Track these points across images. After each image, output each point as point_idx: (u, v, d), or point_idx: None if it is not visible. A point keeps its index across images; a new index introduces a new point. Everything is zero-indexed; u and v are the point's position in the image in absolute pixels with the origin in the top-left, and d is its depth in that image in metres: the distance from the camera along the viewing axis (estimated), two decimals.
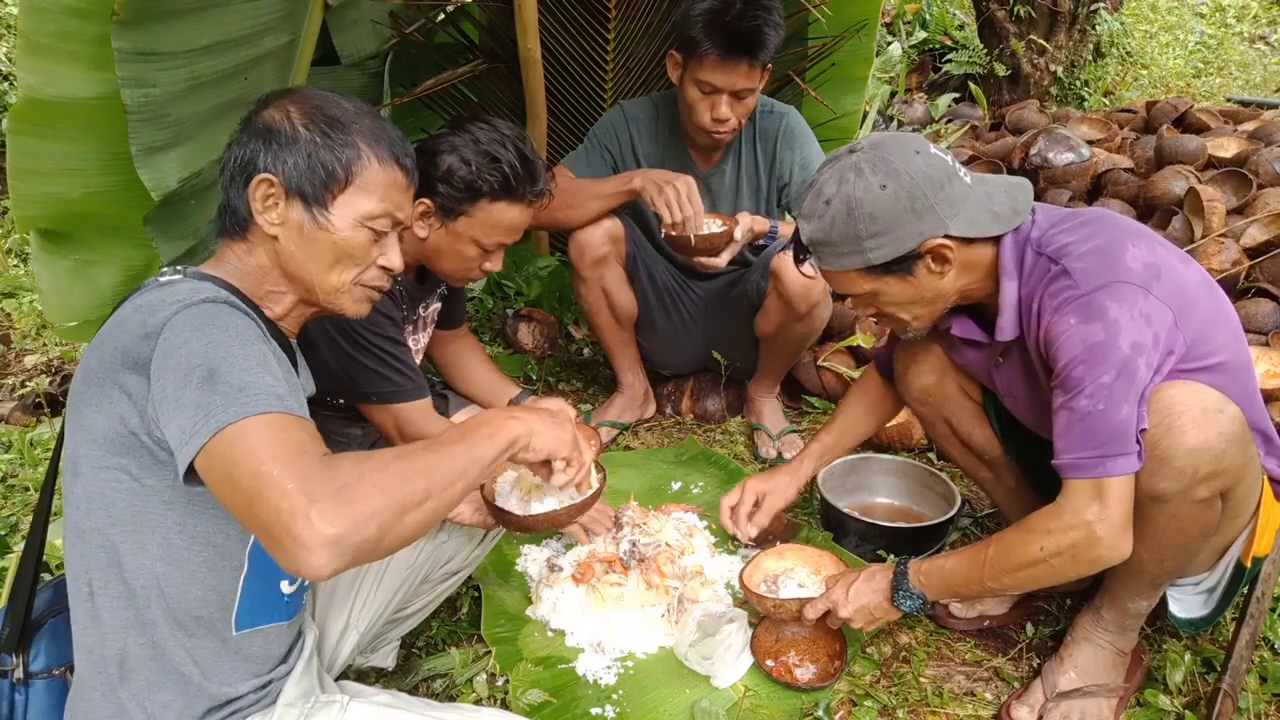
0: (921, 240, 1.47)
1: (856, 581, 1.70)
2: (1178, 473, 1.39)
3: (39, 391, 3.25)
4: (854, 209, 1.46)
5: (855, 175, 1.47)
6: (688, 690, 1.77)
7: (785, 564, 1.95)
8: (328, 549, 0.95)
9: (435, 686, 1.81)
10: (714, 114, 2.37)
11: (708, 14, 2.25)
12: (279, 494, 0.96)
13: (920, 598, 1.62)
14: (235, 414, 1.00)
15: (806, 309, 2.48)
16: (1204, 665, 1.76)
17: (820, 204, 1.50)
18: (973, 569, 1.54)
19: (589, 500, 1.52)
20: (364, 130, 1.26)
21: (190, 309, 1.09)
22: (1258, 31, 8.06)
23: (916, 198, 1.45)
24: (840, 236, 1.49)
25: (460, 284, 2.08)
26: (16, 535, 2.37)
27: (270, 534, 0.96)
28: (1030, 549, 1.46)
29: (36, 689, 1.26)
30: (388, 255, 1.31)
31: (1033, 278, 1.51)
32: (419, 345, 2.19)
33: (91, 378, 1.12)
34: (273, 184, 1.22)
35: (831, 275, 1.59)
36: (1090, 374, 1.38)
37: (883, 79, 5.59)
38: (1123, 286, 1.39)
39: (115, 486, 1.12)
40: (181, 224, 2.34)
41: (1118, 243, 1.44)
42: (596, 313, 2.68)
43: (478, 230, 1.87)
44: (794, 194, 2.63)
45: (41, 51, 1.92)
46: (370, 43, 2.98)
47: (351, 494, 0.98)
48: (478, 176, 1.81)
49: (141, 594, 1.15)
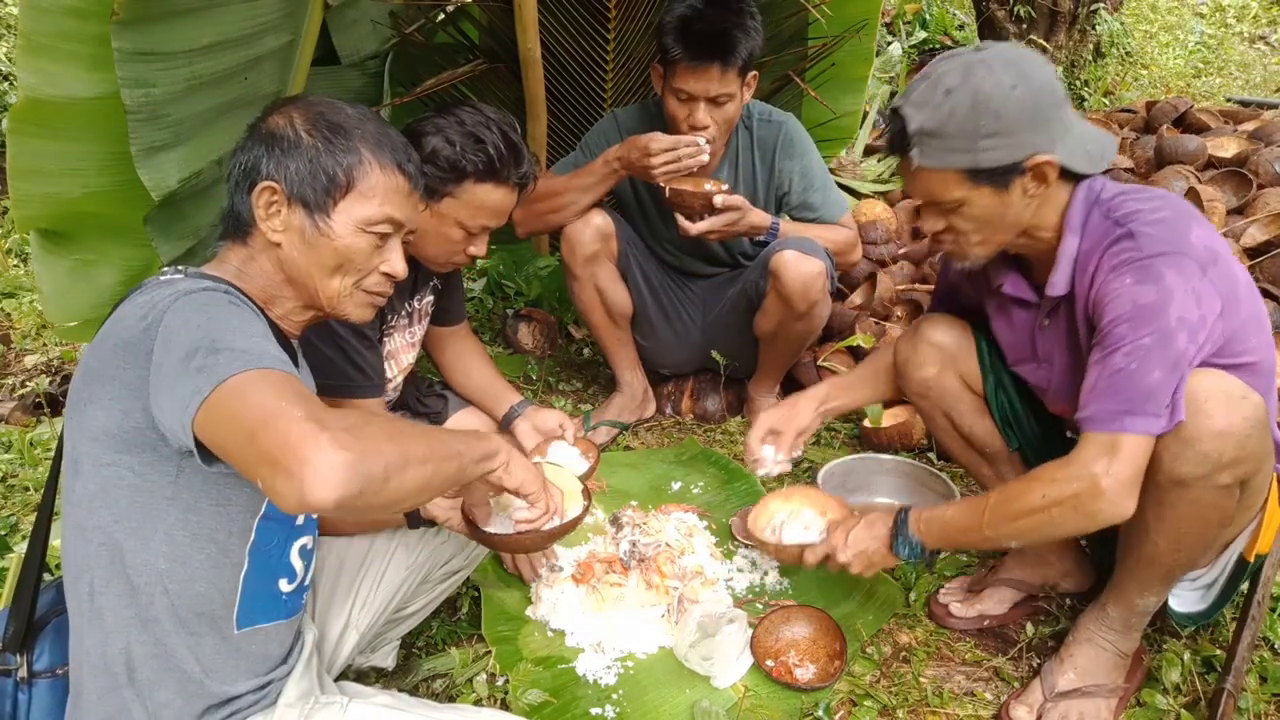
0: (1032, 153, 1.45)
1: (857, 527, 1.69)
2: (1202, 456, 1.39)
3: (39, 391, 3.25)
4: (979, 103, 1.42)
5: (985, 71, 1.43)
6: (688, 690, 1.77)
7: (791, 506, 1.93)
8: (338, 470, 0.92)
9: (435, 686, 1.82)
10: (690, 121, 2.37)
11: (677, 21, 2.27)
12: (288, 420, 0.94)
13: (919, 545, 1.60)
14: (239, 367, 1.00)
15: (806, 307, 2.48)
16: (1204, 665, 1.76)
17: (939, 93, 1.44)
18: (972, 516, 1.53)
19: (559, 529, 1.49)
20: (366, 136, 1.26)
21: (189, 295, 1.10)
22: (1258, 31, 8.07)
23: (1040, 108, 1.44)
24: (956, 130, 1.44)
25: (443, 269, 2.07)
26: (17, 535, 2.37)
27: (275, 461, 0.93)
28: (1031, 497, 1.44)
29: (40, 688, 1.26)
30: (391, 262, 1.32)
31: (1094, 236, 1.50)
32: (413, 339, 2.18)
33: (92, 374, 1.12)
34: (275, 191, 1.23)
35: (924, 175, 1.51)
36: (1132, 333, 1.38)
37: (883, 79, 5.58)
38: (1184, 259, 1.39)
39: (117, 483, 1.13)
40: (181, 224, 2.34)
41: (1184, 221, 1.44)
42: (591, 311, 2.68)
43: (462, 212, 1.87)
44: (795, 201, 2.63)
45: (41, 51, 1.92)
46: (370, 43, 2.98)
47: (361, 431, 0.98)
48: (462, 157, 1.81)
49: (145, 591, 1.16)
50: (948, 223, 1.56)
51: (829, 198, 2.65)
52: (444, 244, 1.93)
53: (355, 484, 0.94)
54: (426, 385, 2.39)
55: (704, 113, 2.36)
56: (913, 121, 1.47)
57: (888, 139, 1.56)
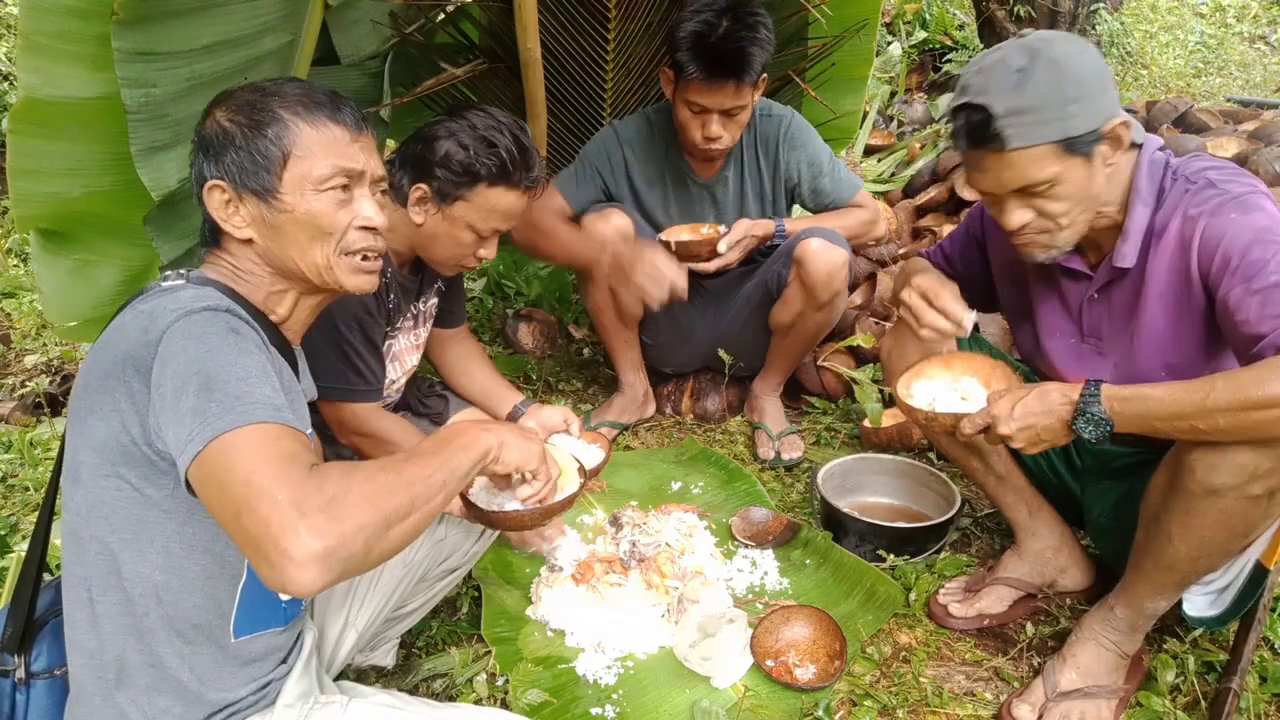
0: (1109, 116, 1.44)
1: (1027, 397, 1.50)
2: (1239, 467, 1.37)
3: (39, 391, 3.25)
4: (1059, 72, 1.40)
5: (1048, 44, 1.43)
6: (688, 690, 1.77)
7: (951, 373, 1.73)
8: (316, 564, 0.93)
9: (435, 686, 1.82)
10: (704, 133, 2.38)
11: (693, 37, 2.25)
12: (269, 505, 0.94)
13: (1107, 424, 1.42)
14: (230, 422, 1.00)
15: (828, 297, 2.48)
16: (1204, 666, 1.76)
17: (1011, 74, 1.42)
18: (1189, 398, 1.35)
19: (559, 504, 1.49)
20: (286, 100, 1.23)
21: (190, 317, 1.09)
22: (1258, 31, 8.06)
23: (1106, 71, 1.44)
24: (1044, 101, 1.41)
25: (452, 272, 2.07)
26: (17, 535, 2.37)
27: (257, 547, 0.95)
28: (1273, 387, 1.27)
29: (38, 689, 1.26)
30: (360, 214, 1.27)
31: (1170, 200, 1.50)
32: (418, 340, 2.19)
33: (93, 384, 1.12)
34: (223, 189, 1.22)
35: (1017, 158, 1.45)
36: (1270, 251, 1.37)
37: (883, 79, 5.58)
38: (1269, 198, 1.41)
39: (115, 495, 1.12)
40: (181, 224, 2.34)
41: (1257, 190, 1.45)
42: (601, 312, 2.68)
43: (474, 215, 1.88)
44: (805, 190, 2.64)
45: (41, 51, 1.92)
46: (370, 43, 2.98)
47: (340, 507, 0.97)
48: (475, 161, 1.82)
49: (140, 602, 1.15)
50: (1035, 209, 1.51)
51: (839, 179, 2.65)
52: (455, 247, 1.93)
53: (334, 571, 0.96)
54: (428, 385, 2.39)
55: (718, 125, 2.37)
56: (997, 105, 1.43)
57: (967, 138, 1.49)
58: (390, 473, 1.06)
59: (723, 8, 2.26)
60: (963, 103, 1.48)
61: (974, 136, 1.47)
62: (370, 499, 1.01)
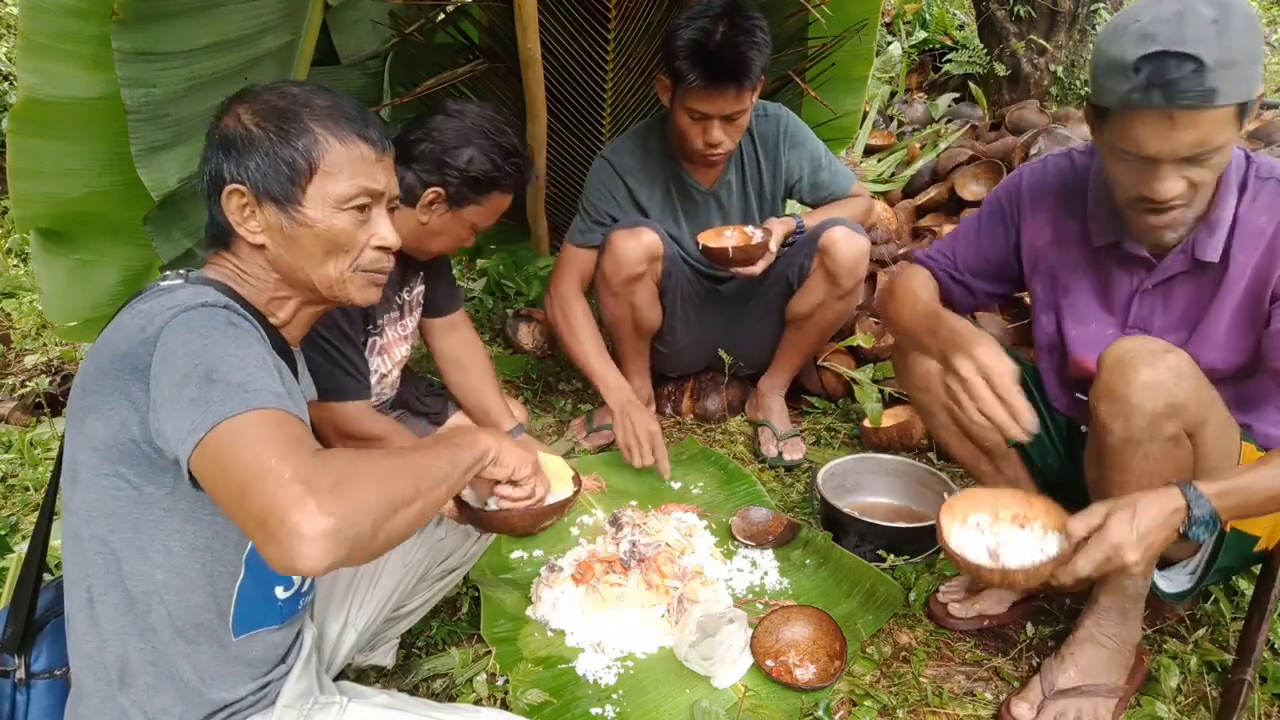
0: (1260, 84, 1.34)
1: (1136, 520, 1.34)
2: (1137, 409, 1.40)
3: (39, 391, 3.25)
4: (1251, 25, 1.28)
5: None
6: (688, 690, 1.77)
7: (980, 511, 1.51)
8: (324, 540, 0.93)
9: (435, 686, 1.82)
10: (706, 139, 2.38)
11: (691, 45, 2.23)
12: (275, 482, 0.94)
13: (1217, 521, 1.36)
14: (232, 408, 0.99)
15: (851, 284, 2.50)
16: (1205, 666, 1.76)
17: (1206, 24, 1.27)
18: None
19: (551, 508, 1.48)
20: (317, 112, 1.23)
21: (187, 313, 1.09)
22: None
23: None
24: (1243, 55, 1.28)
25: (426, 258, 2.09)
26: (17, 535, 2.36)
27: (264, 525, 0.94)
28: None
29: (38, 689, 1.26)
30: (379, 234, 1.28)
31: (1263, 198, 1.47)
32: (405, 331, 2.18)
33: (91, 384, 1.12)
34: (243, 193, 1.21)
35: (1209, 118, 1.30)
36: None
37: (883, 79, 5.58)
38: None
39: (115, 494, 1.12)
40: (181, 224, 2.34)
41: None
42: (619, 324, 2.66)
43: (480, 216, 1.98)
44: (806, 186, 2.66)
45: (41, 51, 1.92)
46: (370, 43, 2.98)
47: (348, 487, 0.97)
48: (498, 171, 1.91)
49: (142, 600, 1.15)
50: (1190, 180, 1.39)
51: (836, 172, 2.67)
52: (454, 243, 2.02)
53: (343, 549, 0.95)
54: (426, 384, 2.38)
55: (719, 130, 2.36)
56: (1209, 55, 1.26)
57: (1164, 91, 1.30)
58: (396, 459, 1.07)
59: (718, 13, 2.25)
60: (1156, 50, 1.29)
61: (1175, 90, 1.29)
62: (377, 481, 1.01)
